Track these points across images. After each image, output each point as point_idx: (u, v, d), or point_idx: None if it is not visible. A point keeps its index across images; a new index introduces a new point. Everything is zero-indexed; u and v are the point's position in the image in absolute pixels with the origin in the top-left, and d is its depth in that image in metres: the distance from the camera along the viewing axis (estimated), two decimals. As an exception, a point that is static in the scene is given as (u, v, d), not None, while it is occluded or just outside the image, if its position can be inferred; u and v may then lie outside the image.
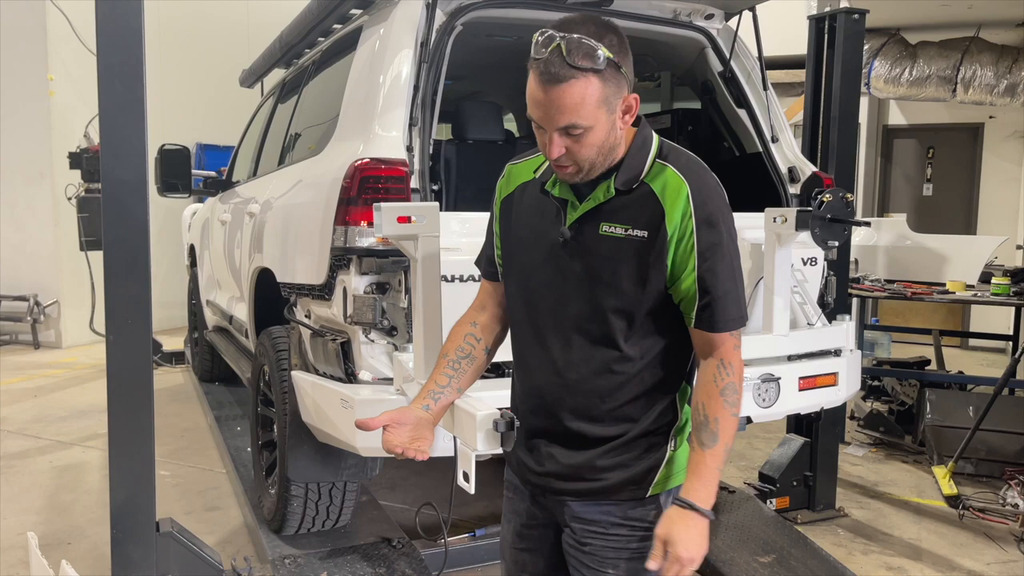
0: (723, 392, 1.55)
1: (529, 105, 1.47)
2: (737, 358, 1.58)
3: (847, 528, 3.90)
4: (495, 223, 1.78)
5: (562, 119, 1.44)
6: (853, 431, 5.37)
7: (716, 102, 3.49)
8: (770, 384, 2.86)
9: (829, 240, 2.98)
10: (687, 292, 1.54)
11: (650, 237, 1.52)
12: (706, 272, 1.52)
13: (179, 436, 5.21)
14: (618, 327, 1.57)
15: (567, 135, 1.46)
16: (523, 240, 1.67)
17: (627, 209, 1.54)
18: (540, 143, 1.52)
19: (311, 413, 2.82)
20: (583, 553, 1.65)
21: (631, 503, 1.63)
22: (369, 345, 2.57)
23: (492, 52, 3.87)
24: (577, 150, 1.48)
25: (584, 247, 1.56)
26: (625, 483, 1.62)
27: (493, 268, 1.80)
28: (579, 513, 1.65)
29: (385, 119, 2.66)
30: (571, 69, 1.40)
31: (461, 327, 1.80)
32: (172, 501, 4.10)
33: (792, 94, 7.70)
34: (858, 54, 4.00)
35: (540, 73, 1.42)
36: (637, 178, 1.54)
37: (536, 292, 1.64)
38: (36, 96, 8.09)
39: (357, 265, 2.54)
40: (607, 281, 1.55)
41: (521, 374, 1.72)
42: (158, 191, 5.12)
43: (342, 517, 3.28)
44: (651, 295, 1.55)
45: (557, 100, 1.42)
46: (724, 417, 1.54)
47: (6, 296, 8.30)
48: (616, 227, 1.54)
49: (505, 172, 1.76)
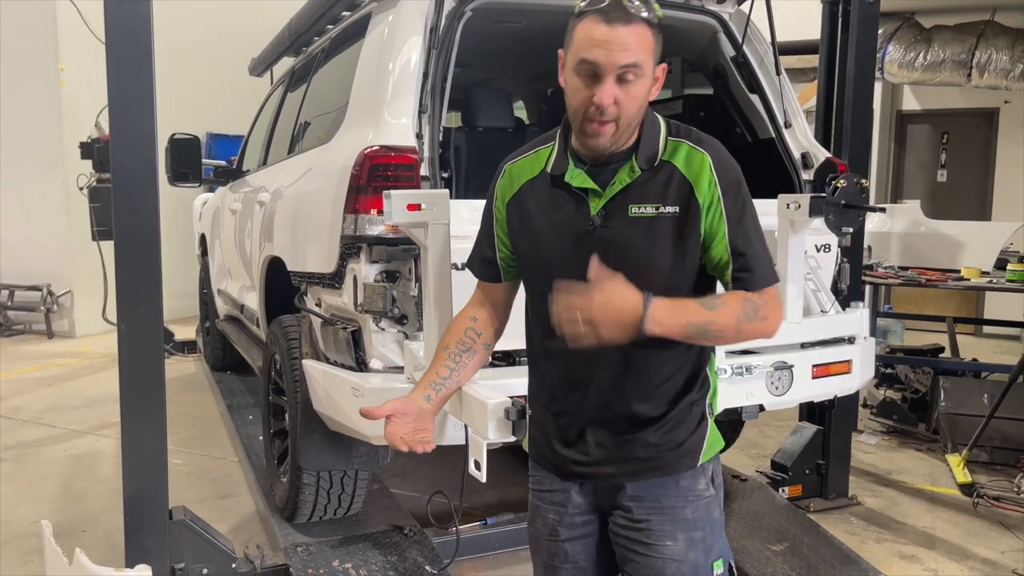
0: (747, 301, 1.54)
1: (583, 49, 1.47)
2: (775, 306, 1.58)
3: (860, 516, 3.88)
4: (497, 225, 1.75)
5: (625, 56, 1.46)
6: (866, 419, 5.34)
7: (728, 87, 3.45)
8: (783, 372, 2.84)
9: (843, 226, 2.95)
10: (720, 257, 1.57)
11: (682, 211, 1.55)
12: (737, 235, 1.56)
13: (191, 425, 5.23)
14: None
15: (621, 81, 1.47)
16: (543, 236, 1.64)
17: (653, 187, 1.56)
18: (582, 97, 1.50)
19: (322, 401, 2.82)
20: (639, 531, 1.66)
21: (684, 474, 1.67)
22: (380, 334, 2.57)
23: (501, 38, 3.84)
24: (625, 101, 1.49)
25: (616, 232, 1.56)
26: (680, 456, 1.66)
27: (490, 270, 1.79)
28: (635, 493, 1.66)
29: (395, 106, 2.65)
30: (634, 15, 1.46)
31: (461, 321, 1.81)
32: (185, 489, 4.12)
33: (805, 79, 7.62)
34: (872, 38, 3.95)
35: (603, 15, 1.46)
36: (657, 155, 1.57)
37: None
38: (47, 86, 8.10)
39: (367, 253, 2.54)
40: (645, 261, 1.55)
41: (555, 368, 1.69)
42: (168, 180, 5.12)
43: (354, 505, 3.28)
44: (690, 268, 1.58)
45: (622, 38, 1.45)
46: (732, 308, 1.53)
47: (19, 286, 8.36)
48: (646, 207, 1.55)
49: (504, 172, 1.74)
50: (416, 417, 1.67)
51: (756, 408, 2.87)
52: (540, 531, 1.80)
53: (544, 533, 1.79)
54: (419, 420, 1.68)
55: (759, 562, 3.12)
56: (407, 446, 1.63)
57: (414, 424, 1.66)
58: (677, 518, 1.66)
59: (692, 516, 1.67)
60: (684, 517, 1.66)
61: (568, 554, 1.77)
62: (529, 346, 1.75)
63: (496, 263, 1.77)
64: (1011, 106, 8.60)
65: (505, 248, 1.74)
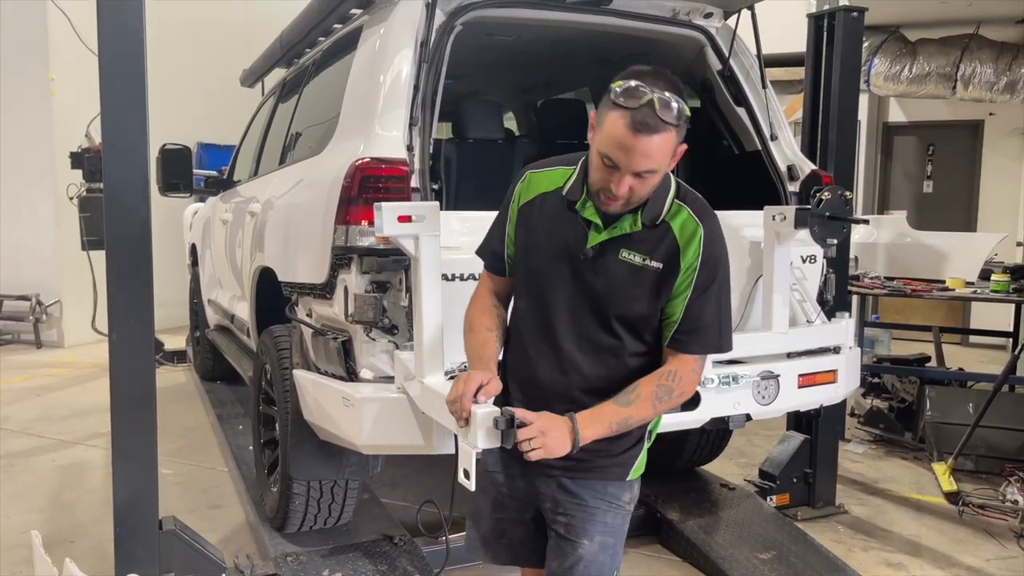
0: (660, 387, 1.77)
1: (609, 146, 1.62)
2: (690, 379, 1.80)
3: (847, 525, 3.91)
4: (509, 224, 1.91)
5: (644, 164, 1.61)
6: (853, 428, 5.38)
7: (715, 100, 3.50)
8: (769, 381, 2.88)
9: (828, 238, 2.99)
10: (672, 314, 1.79)
11: (665, 268, 1.75)
12: (695, 304, 1.77)
13: (181, 435, 5.22)
14: (622, 337, 1.81)
15: (637, 177, 1.63)
16: (540, 248, 1.83)
17: (647, 241, 1.76)
18: (600, 177, 1.68)
19: (312, 411, 2.84)
20: (562, 525, 1.88)
21: (611, 483, 1.88)
22: (370, 344, 2.58)
23: (491, 51, 3.88)
24: (638, 189, 1.67)
25: (603, 267, 1.77)
26: (613, 465, 1.87)
27: (500, 264, 1.94)
28: (567, 486, 1.87)
29: (386, 119, 2.67)
30: (662, 123, 1.58)
31: (486, 305, 1.93)
32: (175, 499, 4.11)
33: (791, 92, 7.69)
34: (857, 52, 4.01)
35: (633, 123, 1.58)
36: (660, 215, 1.76)
37: (551, 298, 1.82)
38: (38, 96, 8.09)
39: (358, 264, 2.56)
40: (620, 300, 1.77)
41: (520, 366, 1.89)
42: (159, 191, 5.13)
43: (344, 515, 3.29)
44: (654, 315, 1.80)
45: (644, 148, 1.59)
46: (646, 399, 1.75)
47: (8, 296, 8.32)
48: (635, 255, 1.76)
49: (525, 177, 1.91)
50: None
51: (743, 417, 2.90)
52: (481, 508, 2.01)
53: (485, 510, 2.00)
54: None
55: (747, 570, 3.15)
56: (486, 396, 1.73)
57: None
58: (597, 519, 1.86)
59: (611, 522, 1.88)
60: (604, 520, 1.87)
61: (504, 531, 1.99)
62: (509, 330, 1.93)
63: (504, 258, 1.93)
64: (996, 118, 8.70)
65: (512, 246, 1.91)
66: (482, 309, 1.93)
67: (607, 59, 3.72)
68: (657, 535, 3.64)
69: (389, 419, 2.46)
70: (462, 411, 1.70)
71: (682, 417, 2.75)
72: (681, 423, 2.81)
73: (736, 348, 2.90)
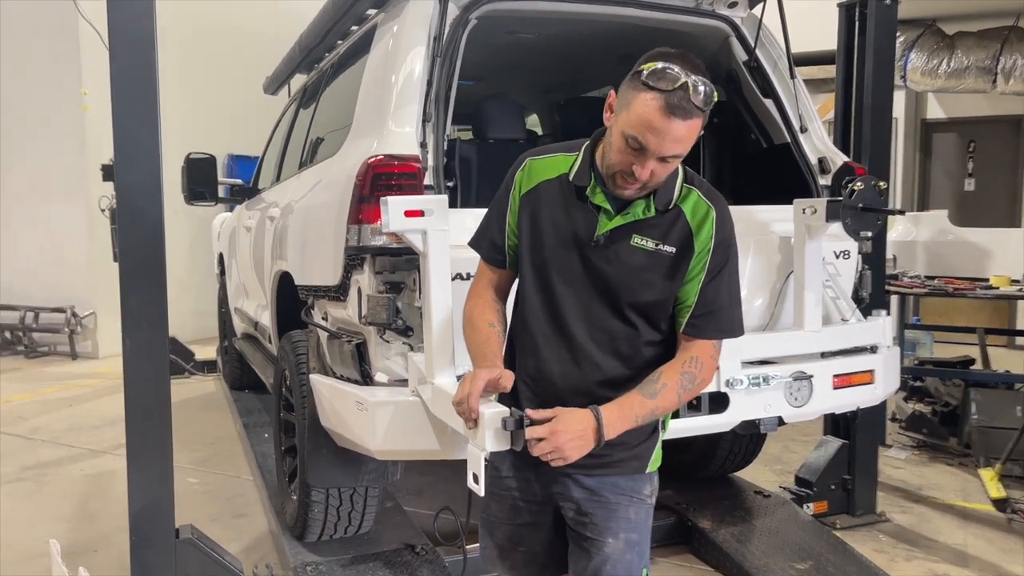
0: (683, 374, 1.72)
1: (639, 128, 1.56)
2: (710, 365, 1.76)
3: (889, 533, 3.75)
4: (510, 214, 1.83)
5: (674, 148, 1.58)
6: (895, 433, 5.19)
7: (741, 92, 3.38)
8: (802, 382, 2.75)
9: (862, 231, 2.86)
10: (686, 299, 1.74)
11: (677, 253, 1.71)
12: (709, 287, 1.73)
13: (209, 444, 5.21)
14: (637, 325, 1.75)
15: (662, 161, 1.59)
16: (547, 237, 1.76)
17: (658, 226, 1.72)
18: (622, 160, 1.62)
19: (329, 416, 2.77)
20: (583, 526, 1.80)
21: (631, 476, 1.82)
22: (384, 346, 2.51)
23: (513, 50, 3.82)
24: (659, 173, 1.62)
25: (614, 254, 1.71)
26: (630, 458, 1.81)
27: (500, 256, 1.86)
28: (585, 484, 1.80)
29: (399, 115, 2.61)
30: (695, 108, 1.55)
31: (486, 300, 1.86)
32: (200, 508, 4.09)
33: (824, 90, 7.52)
34: (891, 42, 3.86)
35: (668, 105, 1.54)
36: (671, 200, 1.71)
37: (558, 287, 1.75)
38: (70, 110, 8.22)
39: (371, 264, 2.49)
40: (632, 287, 1.72)
41: (528, 359, 1.80)
42: (185, 200, 5.15)
43: (364, 523, 3.22)
44: (668, 300, 1.75)
45: (676, 132, 1.55)
46: (671, 388, 1.69)
47: (44, 308, 8.44)
48: (647, 241, 1.71)
49: (525, 165, 1.84)
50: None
51: (775, 420, 2.78)
52: (496, 515, 1.92)
53: (501, 516, 1.91)
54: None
55: (782, 581, 3.01)
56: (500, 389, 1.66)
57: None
58: (620, 516, 1.79)
59: (634, 517, 1.81)
60: (627, 516, 1.80)
61: (522, 537, 1.91)
62: (513, 325, 1.85)
63: (504, 250, 1.85)
64: (1039, 112, 8.43)
65: (514, 236, 1.83)
66: (481, 304, 1.85)
67: (629, 55, 3.59)
68: (688, 544, 3.51)
69: (403, 423, 2.38)
70: (469, 412, 1.62)
71: (711, 420, 2.64)
72: (710, 426, 2.70)
73: (766, 348, 2.82)
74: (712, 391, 2.62)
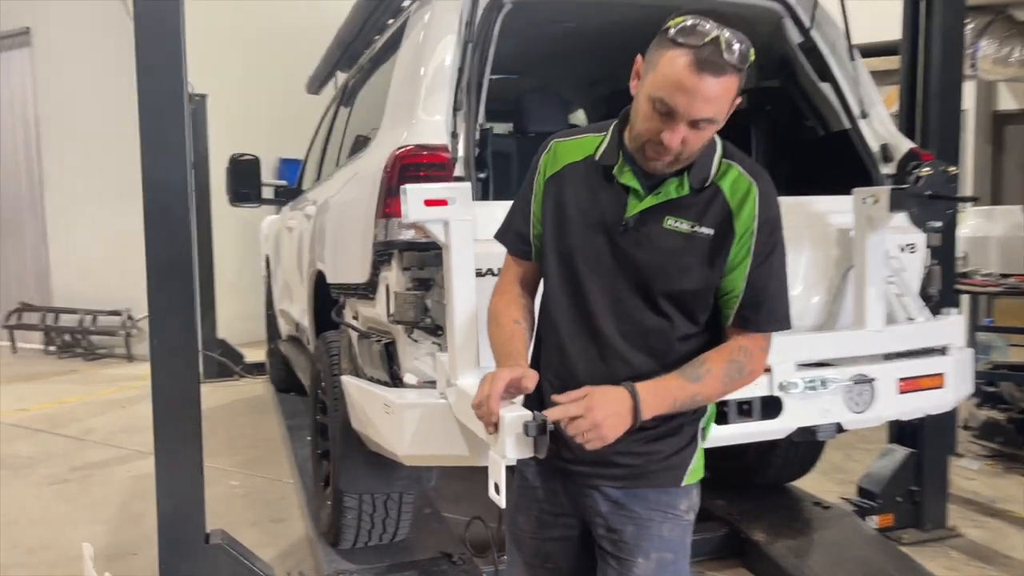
0: (731, 363, 1.57)
1: (666, 88, 1.42)
2: (760, 357, 1.61)
3: (961, 549, 3.49)
4: (534, 201, 1.70)
5: (705, 110, 1.43)
6: (967, 442, 4.88)
7: (796, 77, 3.17)
8: (863, 386, 2.53)
9: (929, 221, 2.63)
10: (733, 288, 1.58)
11: (717, 235, 1.55)
12: (758, 272, 1.57)
13: (252, 446, 5.19)
14: (672, 317, 1.59)
15: (694, 127, 1.45)
16: (573, 222, 1.62)
17: (694, 206, 1.56)
18: (649, 127, 1.47)
19: (359, 419, 2.67)
20: (613, 543, 1.66)
21: (665, 490, 1.65)
22: (413, 346, 2.39)
23: (556, 41, 3.68)
24: (691, 142, 1.47)
25: (645, 238, 1.56)
26: (664, 469, 1.64)
27: (525, 247, 1.73)
28: (614, 498, 1.65)
29: (428, 103, 2.50)
30: (728, 65, 1.41)
31: (511, 295, 1.73)
32: (239, 511, 4.05)
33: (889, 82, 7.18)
34: (959, 23, 3.60)
35: (697, 61, 1.40)
36: (709, 177, 1.56)
37: (584, 277, 1.61)
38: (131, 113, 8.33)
39: (399, 260, 2.38)
40: (667, 273, 1.56)
41: (553, 357, 1.67)
42: (229, 201, 5.16)
43: (400, 530, 3.12)
44: (707, 289, 1.58)
45: (707, 91, 1.41)
46: (716, 375, 1.55)
47: (101, 311, 8.61)
48: (682, 222, 1.55)
49: (550, 148, 1.70)
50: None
51: (833, 427, 2.57)
52: (523, 528, 1.79)
53: (527, 530, 1.78)
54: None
55: (843, 600, 2.80)
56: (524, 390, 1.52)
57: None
58: (652, 533, 1.63)
59: (668, 535, 1.65)
60: (660, 534, 1.64)
61: (549, 554, 1.77)
62: (540, 321, 1.72)
63: (530, 240, 1.72)
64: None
65: (539, 224, 1.70)
66: (507, 300, 1.72)
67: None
68: (741, 557, 3.31)
69: (432, 427, 2.25)
70: (489, 415, 1.48)
71: (762, 427, 2.45)
72: (761, 433, 2.51)
73: (824, 348, 2.61)
74: (764, 395, 2.43)
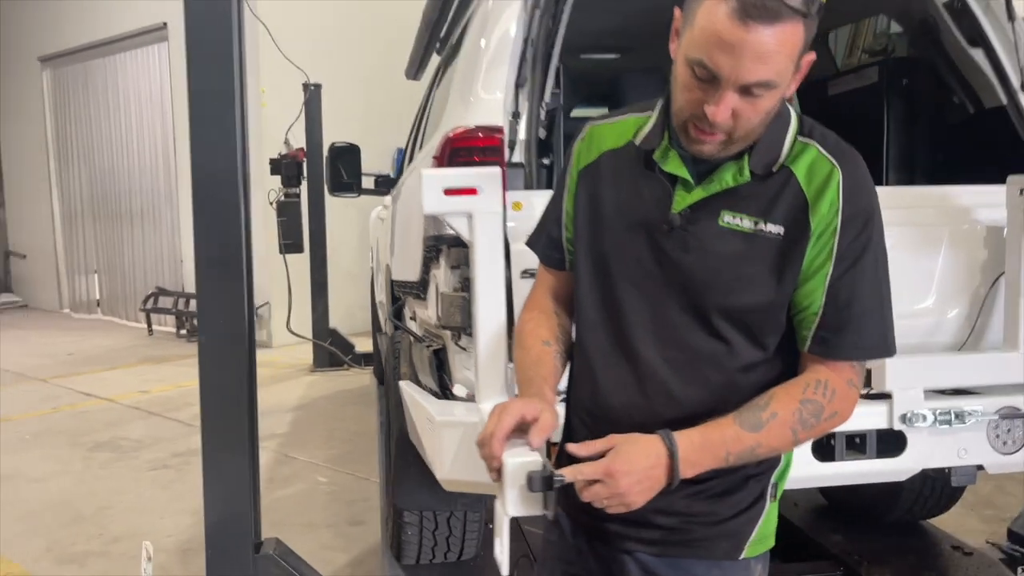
0: (804, 403, 1.21)
1: (704, 46, 1.10)
2: (847, 394, 1.23)
3: None
4: (567, 198, 1.38)
5: (757, 71, 1.09)
6: None
7: (941, 44, 2.66)
8: (1014, 421, 2.05)
9: (1108, 219, 2.09)
10: (808, 304, 1.23)
11: (788, 234, 1.21)
12: (843, 282, 1.21)
13: (347, 440, 5.11)
14: (730, 340, 1.25)
15: (746, 94, 1.11)
16: (608, 221, 1.32)
17: (758, 197, 1.22)
18: (690, 99, 1.15)
19: (414, 431, 2.43)
20: None
21: (717, 563, 1.30)
22: (462, 354, 2.12)
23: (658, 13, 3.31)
24: (745, 115, 1.13)
25: (696, 240, 1.24)
26: (718, 535, 1.30)
27: (558, 254, 1.41)
28: (652, 568, 1.31)
29: (488, 79, 2.21)
30: (785, 7, 1.06)
31: (544, 311, 1.43)
32: (319, 510, 3.95)
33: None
34: None
35: (742, 7, 1.06)
36: (778, 159, 1.22)
37: (622, 289, 1.30)
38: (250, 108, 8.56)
39: (447, 257, 2.11)
40: (723, 284, 1.23)
41: (584, 387, 1.37)
42: (328, 190, 5.07)
43: (466, 549, 2.87)
44: (777, 305, 1.24)
45: (756, 45, 1.07)
46: (784, 421, 1.19)
47: (225, 298, 8.88)
48: (743, 219, 1.22)
49: (585, 134, 1.41)
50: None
51: (972, 469, 2.11)
52: None
53: None
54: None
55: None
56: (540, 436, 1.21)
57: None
58: None
59: None
60: None
61: None
62: (575, 347, 1.41)
63: (563, 245, 1.42)
64: None
65: (572, 225, 1.39)
66: (536, 317, 1.41)
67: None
68: (857, 608, 2.86)
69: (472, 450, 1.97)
70: (491, 458, 1.19)
71: (878, 466, 2.03)
72: (877, 474, 2.08)
73: (963, 373, 2.13)
74: (882, 427, 2.00)
